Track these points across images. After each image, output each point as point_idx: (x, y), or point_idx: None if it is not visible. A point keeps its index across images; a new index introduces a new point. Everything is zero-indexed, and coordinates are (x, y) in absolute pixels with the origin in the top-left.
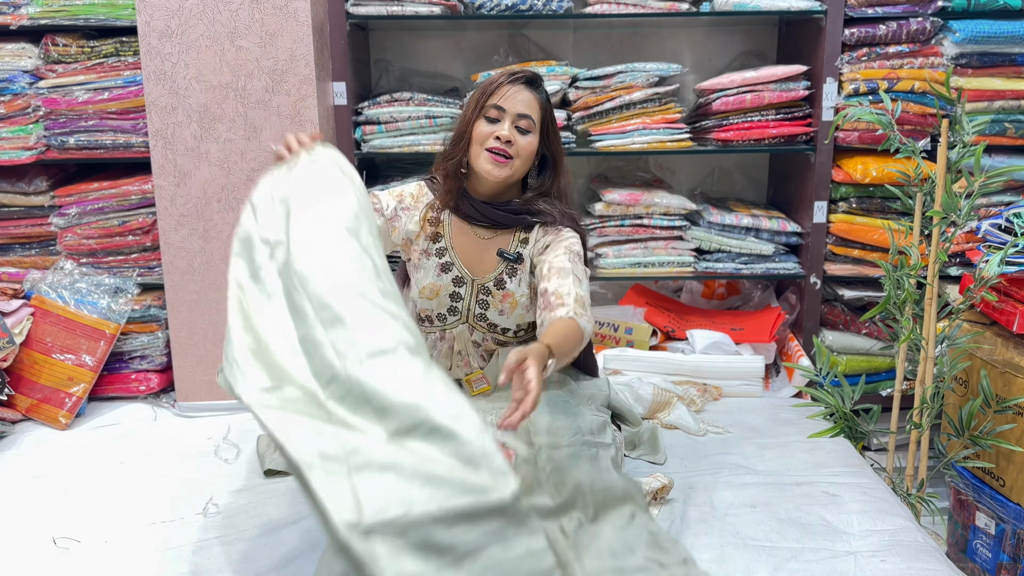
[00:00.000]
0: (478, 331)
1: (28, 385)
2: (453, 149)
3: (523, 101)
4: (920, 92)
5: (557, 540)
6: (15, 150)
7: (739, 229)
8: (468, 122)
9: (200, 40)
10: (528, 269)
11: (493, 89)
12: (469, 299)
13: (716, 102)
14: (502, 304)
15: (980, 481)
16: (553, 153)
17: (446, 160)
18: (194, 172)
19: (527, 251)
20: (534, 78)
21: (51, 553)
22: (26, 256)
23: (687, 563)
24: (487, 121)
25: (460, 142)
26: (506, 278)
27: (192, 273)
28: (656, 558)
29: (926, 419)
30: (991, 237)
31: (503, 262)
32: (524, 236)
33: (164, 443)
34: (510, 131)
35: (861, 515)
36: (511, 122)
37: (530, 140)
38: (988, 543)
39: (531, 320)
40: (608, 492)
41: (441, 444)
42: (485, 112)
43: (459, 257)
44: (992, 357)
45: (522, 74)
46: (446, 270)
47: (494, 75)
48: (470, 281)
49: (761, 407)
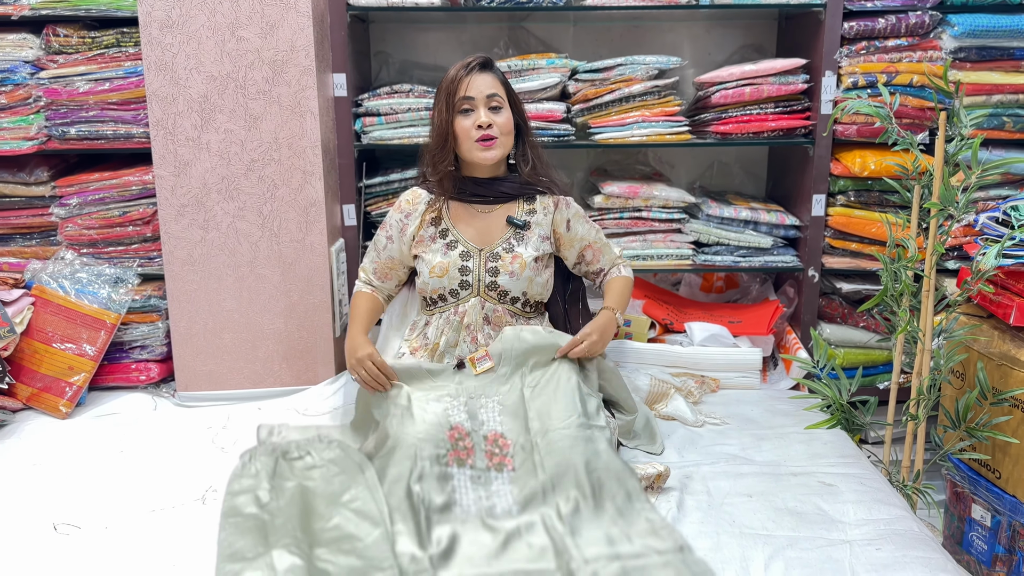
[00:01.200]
0: (489, 302)
1: (29, 374)
2: (440, 152)
3: (486, 84)
4: (919, 86)
5: (554, 527)
6: (16, 140)
7: (737, 222)
8: (446, 123)
9: (201, 31)
10: (543, 235)
11: (455, 86)
12: (478, 270)
13: (715, 95)
14: (511, 266)
15: (976, 474)
16: (522, 119)
17: (437, 164)
18: (194, 162)
19: (536, 219)
20: (486, 61)
21: (52, 538)
22: (27, 246)
23: (683, 551)
24: (463, 115)
25: (445, 144)
26: (514, 242)
27: (192, 263)
28: (653, 545)
29: (922, 410)
30: (988, 230)
31: (511, 228)
32: (530, 207)
33: (164, 432)
34: (487, 115)
35: (857, 505)
36: (484, 106)
37: (505, 115)
38: (984, 535)
39: (539, 293)
40: (604, 472)
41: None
42: (457, 108)
43: (462, 234)
44: (989, 350)
45: (475, 61)
46: (452, 247)
47: (450, 73)
48: (477, 252)
49: (759, 399)
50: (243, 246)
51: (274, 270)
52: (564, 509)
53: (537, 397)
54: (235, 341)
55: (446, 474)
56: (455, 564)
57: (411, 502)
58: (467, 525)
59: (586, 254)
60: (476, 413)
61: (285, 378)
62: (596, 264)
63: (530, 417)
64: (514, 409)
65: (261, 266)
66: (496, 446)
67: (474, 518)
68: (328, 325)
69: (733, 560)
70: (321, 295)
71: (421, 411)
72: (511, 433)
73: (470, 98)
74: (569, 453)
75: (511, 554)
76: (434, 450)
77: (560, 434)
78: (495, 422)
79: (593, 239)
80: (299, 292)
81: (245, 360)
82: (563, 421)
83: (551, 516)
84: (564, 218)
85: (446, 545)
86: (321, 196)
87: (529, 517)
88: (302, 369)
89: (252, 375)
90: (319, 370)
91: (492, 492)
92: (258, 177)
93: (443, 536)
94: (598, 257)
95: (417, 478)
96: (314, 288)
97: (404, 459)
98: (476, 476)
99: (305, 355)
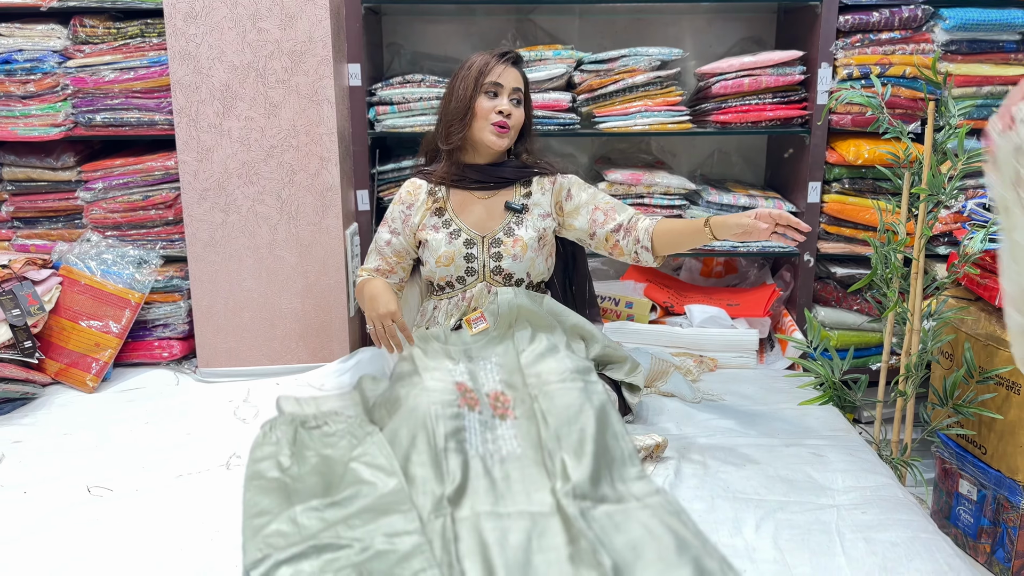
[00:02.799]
0: (494, 286)
1: (57, 350)
2: (458, 123)
3: (515, 78)
4: (911, 77)
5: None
6: (44, 127)
7: (736, 208)
8: (469, 99)
9: (223, 22)
10: (543, 214)
11: (490, 68)
12: (483, 256)
13: (715, 86)
14: (514, 249)
15: (963, 450)
16: (529, 118)
17: (450, 135)
18: (216, 148)
19: (534, 200)
20: (519, 57)
21: (87, 499)
22: (53, 229)
23: (659, 492)
24: (487, 96)
25: (464, 117)
26: (514, 226)
27: (214, 245)
28: (634, 492)
29: (911, 387)
30: (976, 216)
31: (509, 213)
32: (526, 190)
33: (187, 405)
34: (509, 105)
35: (845, 473)
36: (508, 96)
37: (521, 112)
38: (970, 509)
39: (541, 273)
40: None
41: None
42: (484, 89)
43: (464, 222)
44: (976, 331)
45: (511, 54)
46: (456, 236)
47: (484, 56)
48: (480, 240)
49: (755, 378)
50: (262, 229)
51: (291, 252)
52: (569, 463)
53: (532, 360)
54: (254, 320)
55: (458, 414)
56: (467, 502)
57: (427, 435)
58: (475, 460)
59: (597, 216)
60: (476, 375)
61: (302, 355)
62: (613, 220)
63: (527, 374)
64: (510, 369)
65: (279, 248)
66: (498, 401)
67: (482, 458)
68: (343, 305)
69: (726, 521)
70: (336, 276)
71: (428, 374)
72: (510, 391)
73: (499, 84)
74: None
75: (515, 496)
76: (445, 396)
77: (557, 387)
78: (494, 382)
79: (600, 200)
80: (315, 273)
81: (264, 338)
82: (558, 375)
83: (555, 471)
84: (563, 188)
85: (459, 481)
86: (337, 181)
87: (534, 467)
88: (318, 347)
89: (270, 352)
90: (334, 348)
91: (497, 436)
92: (277, 163)
93: (456, 468)
94: (612, 214)
95: (434, 417)
96: (329, 270)
97: (417, 407)
98: (483, 421)
99: (320, 333)
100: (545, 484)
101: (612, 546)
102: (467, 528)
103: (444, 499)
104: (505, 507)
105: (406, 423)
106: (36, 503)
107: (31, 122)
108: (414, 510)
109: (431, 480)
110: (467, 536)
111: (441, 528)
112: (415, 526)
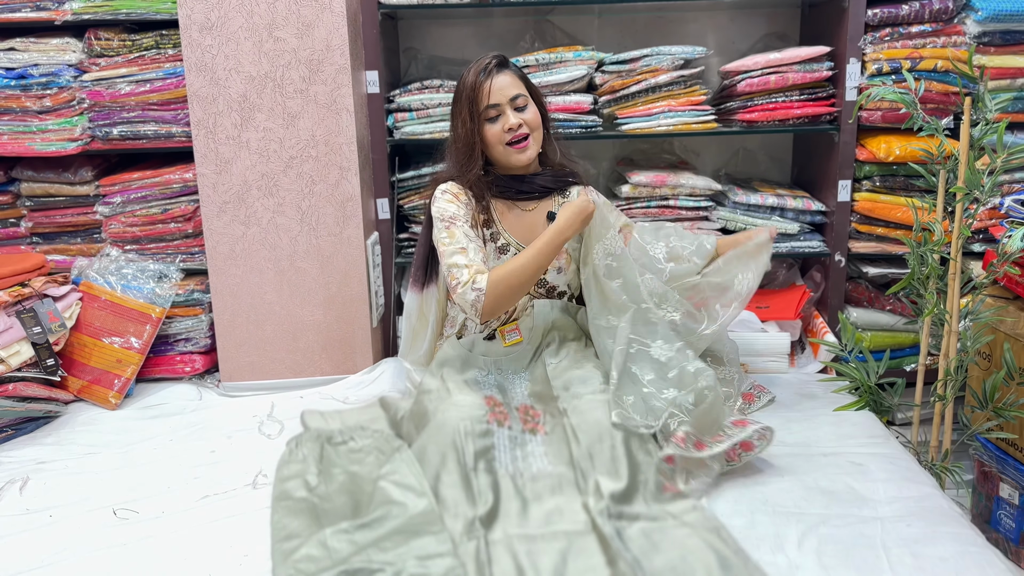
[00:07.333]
0: (538, 299)
1: (79, 367)
2: (468, 162)
3: (507, 84)
4: (943, 71)
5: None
6: (61, 141)
7: (764, 209)
8: (472, 132)
9: (239, 32)
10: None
11: (477, 94)
12: None
13: (741, 84)
14: (559, 261)
15: (1004, 453)
16: (543, 109)
17: (465, 173)
18: (235, 160)
19: None
20: (501, 60)
21: (113, 522)
22: (72, 244)
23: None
24: (490, 122)
25: (472, 153)
26: None
27: (234, 258)
28: (669, 510)
29: (950, 391)
30: (1014, 213)
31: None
32: (562, 200)
33: (210, 421)
34: (515, 116)
35: (887, 483)
36: (510, 108)
37: (532, 110)
38: (1012, 513)
39: (579, 285)
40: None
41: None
42: (484, 117)
43: (513, 236)
44: (1015, 331)
45: (491, 62)
46: (504, 251)
47: (468, 80)
48: None
49: (787, 382)
50: (283, 240)
51: (313, 263)
52: (602, 483)
53: (561, 372)
54: (276, 332)
55: (487, 431)
56: (499, 524)
57: (457, 454)
58: (505, 480)
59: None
60: (504, 387)
61: (325, 368)
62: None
63: (555, 387)
64: (541, 382)
65: (300, 259)
66: (528, 415)
67: (512, 477)
68: (365, 316)
69: (768, 537)
70: (358, 287)
71: (456, 387)
72: (539, 404)
73: (495, 105)
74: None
75: (548, 516)
76: (475, 412)
77: (587, 400)
78: (523, 395)
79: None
80: (337, 284)
81: (286, 351)
82: (588, 388)
83: (587, 488)
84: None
85: (492, 504)
86: (357, 191)
87: (566, 485)
88: (341, 359)
89: (293, 365)
90: (357, 359)
91: (528, 453)
92: (296, 173)
93: (486, 489)
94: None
95: (463, 434)
96: (351, 280)
97: (446, 423)
98: (513, 437)
99: (343, 345)
100: (577, 499)
101: (652, 568)
102: (501, 551)
103: (476, 521)
104: (538, 528)
105: (435, 441)
106: (63, 527)
107: (48, 137)
108: (445, 531)
109: (462, 503)
110: (501, 559)
111: (475, 551)
112: (447, 547)
